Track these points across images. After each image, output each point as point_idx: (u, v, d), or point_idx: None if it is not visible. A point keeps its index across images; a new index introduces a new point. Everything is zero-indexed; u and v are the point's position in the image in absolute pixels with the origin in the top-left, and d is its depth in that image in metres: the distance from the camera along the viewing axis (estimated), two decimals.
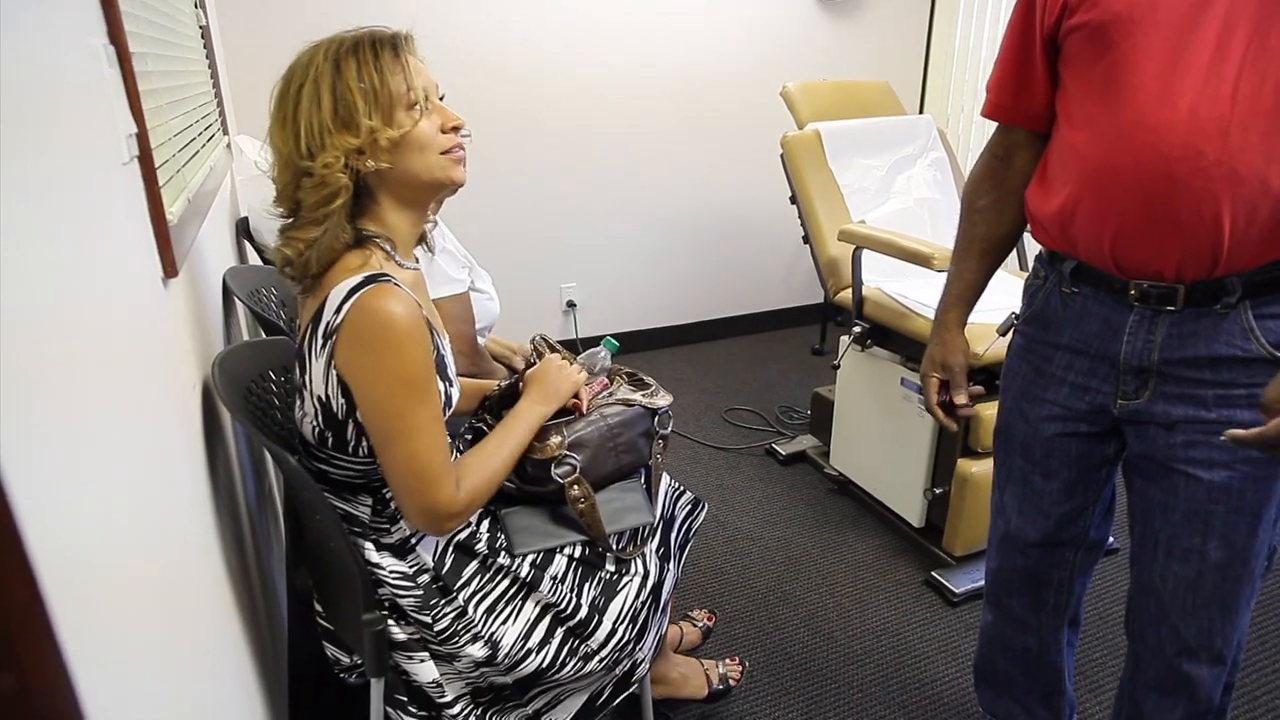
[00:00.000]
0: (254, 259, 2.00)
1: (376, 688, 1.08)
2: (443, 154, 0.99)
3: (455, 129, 1.00)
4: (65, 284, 0.59)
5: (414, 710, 1.08)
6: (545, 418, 1.18)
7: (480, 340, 1.72)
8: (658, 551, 1.28)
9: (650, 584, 1.22)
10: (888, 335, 1.98)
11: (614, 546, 1.21)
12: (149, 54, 1.02)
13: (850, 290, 2.02)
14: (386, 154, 0.95)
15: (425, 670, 1.07)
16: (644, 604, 1.20)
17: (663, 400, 1.31)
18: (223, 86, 1.99)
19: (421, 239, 1.13)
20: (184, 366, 0.97)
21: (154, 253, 0.85)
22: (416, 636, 1.06)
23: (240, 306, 1.53)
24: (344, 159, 0.92)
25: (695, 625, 1.73)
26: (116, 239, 0.73)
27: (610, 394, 1.32)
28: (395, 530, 1.05)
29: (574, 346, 3.27)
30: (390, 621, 1.05)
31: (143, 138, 0.81)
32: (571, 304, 3.36)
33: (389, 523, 1.05)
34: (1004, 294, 1.21)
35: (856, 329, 2.00)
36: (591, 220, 3.28)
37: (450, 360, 1.08)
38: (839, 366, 2.11)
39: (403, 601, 1.04)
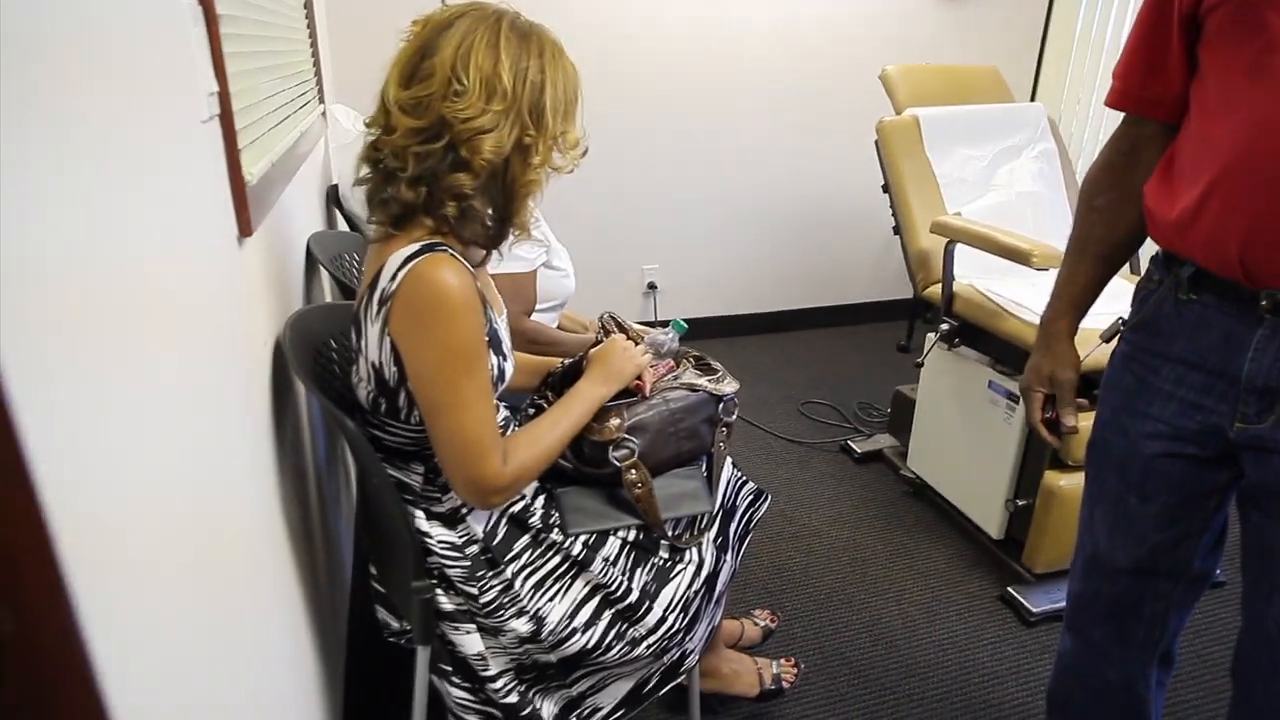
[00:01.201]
0: (342, 226, 2.06)
1: (422, 655, 1.09)
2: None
3: None
4: (138, 233, 0.60)
5: (458, 681, 1.09)
6: (605, 399, 1.16)
7: (554, 317, 1.72)
8: (715, 541, 1.25)
9: (705, 574, 1.19)
10: (977, 335, 1.87)
11: (669, 533, 1.18)
12: (241, 17, 1.05)
13: (940, 285, 1.91)
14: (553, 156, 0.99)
15: (471, 642, 1.07)
16: (697, 594, 1.17)
17: (729, 387, 1.27)
18: (322, 56, 2.04)
19: None
20: (257, 323, 0.99)
21: (230, 211, 0.86)
22: (464, 607, 1.06)
23: (323, 271, 1.57)
24: (529, 140, 0.96)
25: (756, 624, 1.69)
26: (192, 194, 0.74)
27: (676, 377, 1.28)
28: (446, 500, 1.05)
29: (652, 328, 3.25)
30: (439, 591, 1.05)
31: (224, 97, 0.83)
32: (653, 286, 3.33)
33: (440, 492, 1.05)
34: (1112, 299, 1.10)
35: (944, 326, 1.89)
36: (678, 203, 3.24)
37: (505, 335, 1.07)
38: (923, 364, 2.01)
39: (450, 571, 1.04)
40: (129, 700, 0.45)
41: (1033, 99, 3.34)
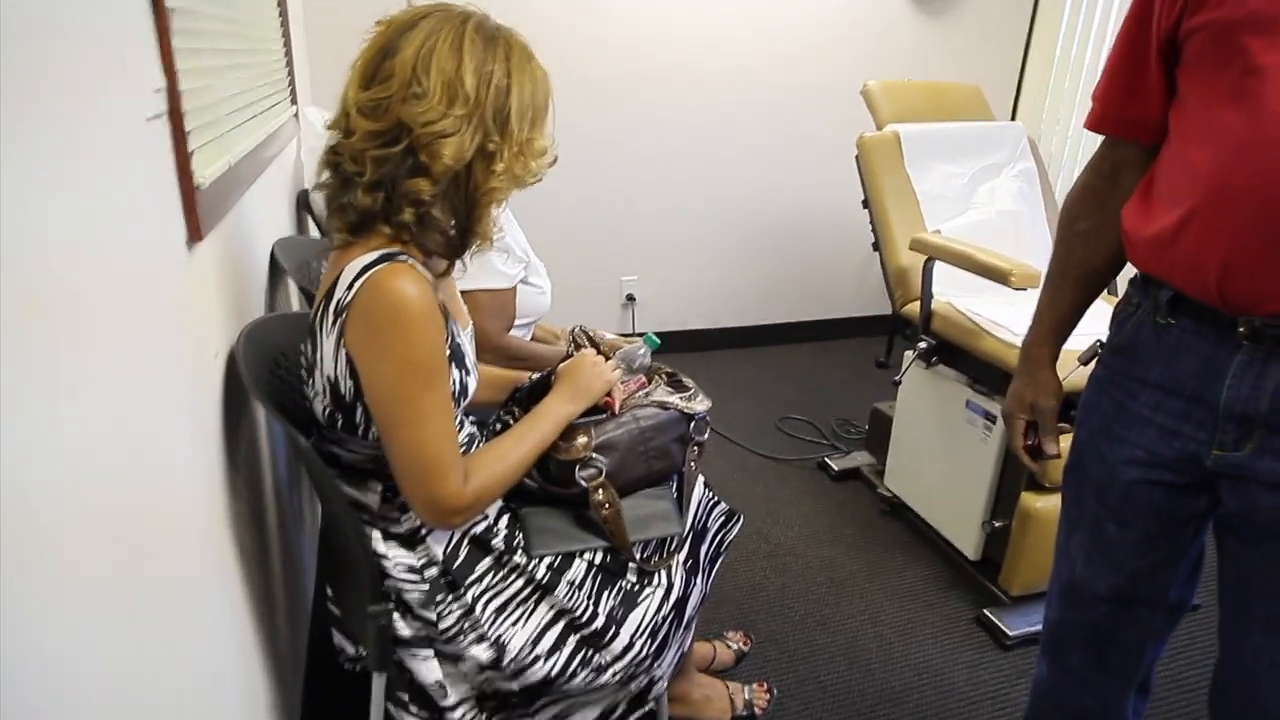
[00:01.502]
0: (314, 232, 2.01)
1: (378, 683, 1.04)
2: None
3: None
4: (66, 234, 0.57)
5: (415, 710, 1.04)
6: (573, 416, 1.13)
7: (526, 333, 1.68)
8: (685, 564, 1.21)
9: (674, 598, 1.15)
10: (955, 354, 1.86)
11: (638, 556, 1.15)
12: (200, 11, 1.01)
13: (919, 303, 1.90)
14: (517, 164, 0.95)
15: (429, 669, 1.02)
16: (665, 619, 1.14)
17: (701, 405, 1.24)
18: (296, 56, 2.00)
19: None
20: (209, 331, 0.95)
21: (179, 214, 0.82)
22: (422, 633, 1.02)
23: (290, 279, 1.52)
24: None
25: (729, 647, 1.65)
26: (132, 196, 0.70)
27: (647, 394, 1.25)
28: (405, 520, 1.01)
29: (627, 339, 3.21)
30: (396, 615, 1.01)
31: (173, 94, 0.79)
32: (631, 298, 3.30)
33: (399, 512, 1.01)
34: (1091, 319, 1.08)
35: (922, 344, 1.87)
36: (657, 214, 3.22)
37: (468, 348, 1.03)
38: (900, 382, 1.99)
39: (407, 596, 1.00)
40: (28, 700, 0.43)
41: (1013, 118, 3.36)
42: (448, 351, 0.96)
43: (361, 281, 0.88)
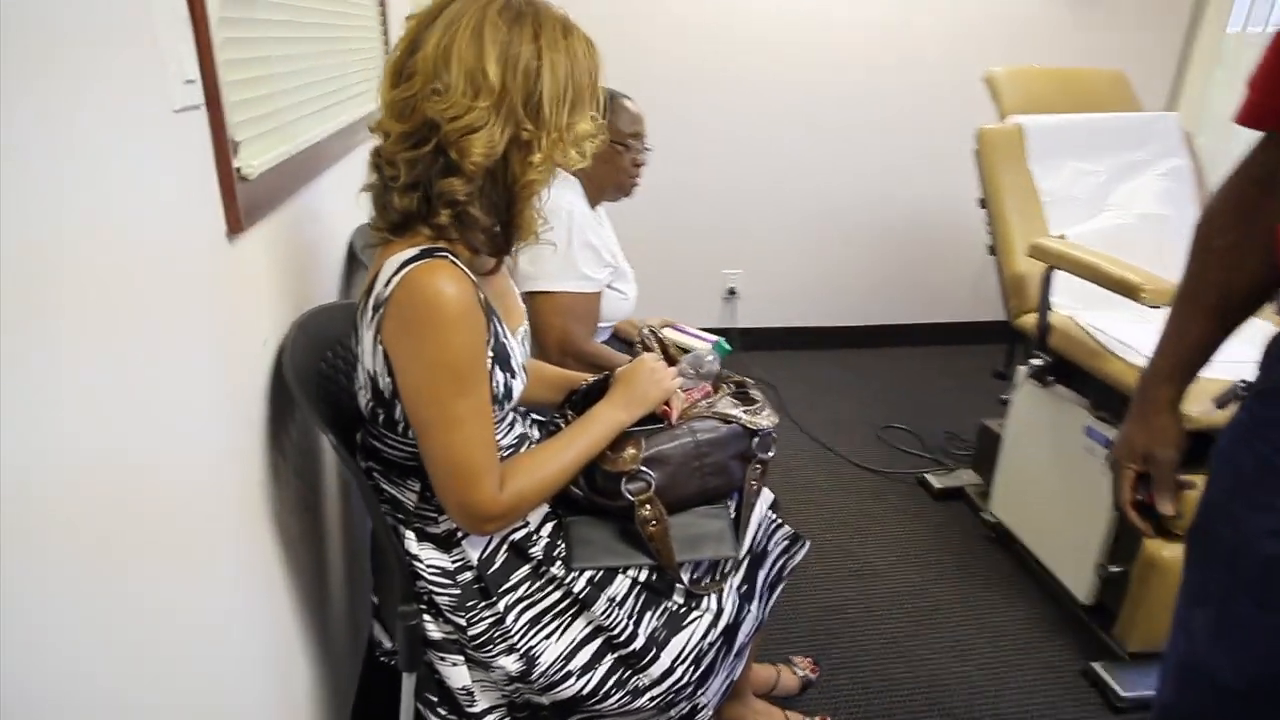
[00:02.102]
0: None
1: (408, 682, 1.02)
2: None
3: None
4: (91, 226, 0.59)
5: (443, 713, 1.02)
6: (624, 425, 1.07)
7: (602, 337, 1.64)
8: (739, 589, 1.13)
9: (723, 624, 1.08)
10: (1075, 374, 1.66)
11: (686, 578, 1.08)
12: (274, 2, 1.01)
13: (1035, 315, 1.71)
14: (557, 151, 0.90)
15: (457, 674, 1.00)
16: (712, 645, 1.06)
17: (766, 421, 1.14)
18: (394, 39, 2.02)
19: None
20: (257, 321, 0.95)
21: (217, 206, 0.82)
22: (452, 637, 0.99)
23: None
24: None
25: (795, 673, 1.55)
26: (156, 188, 0.70)
27: (711, 404, 1.17)
28: (443, 521, 0.98)
29: (729, 338, 3.12)
30: (427, 617, 0.99)
31: (211, 85, 0.78)
32: (733, 292, 3.20)
33: (436, 512, 0.98)
34: (1245, 342, 0.90)
35: (1036, 361, 1.69)
36: (764, 207, 3.10)
37: (515, 349, 0.99)
38: (1008, 401, 1.80)
39: (438, 599, 0.97)
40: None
41: (1170, 109, 3.00)
42: (490, 354, 0.92)
43: (399, 277, 0.85)
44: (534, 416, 1.26)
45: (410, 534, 0.98)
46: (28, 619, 0.50)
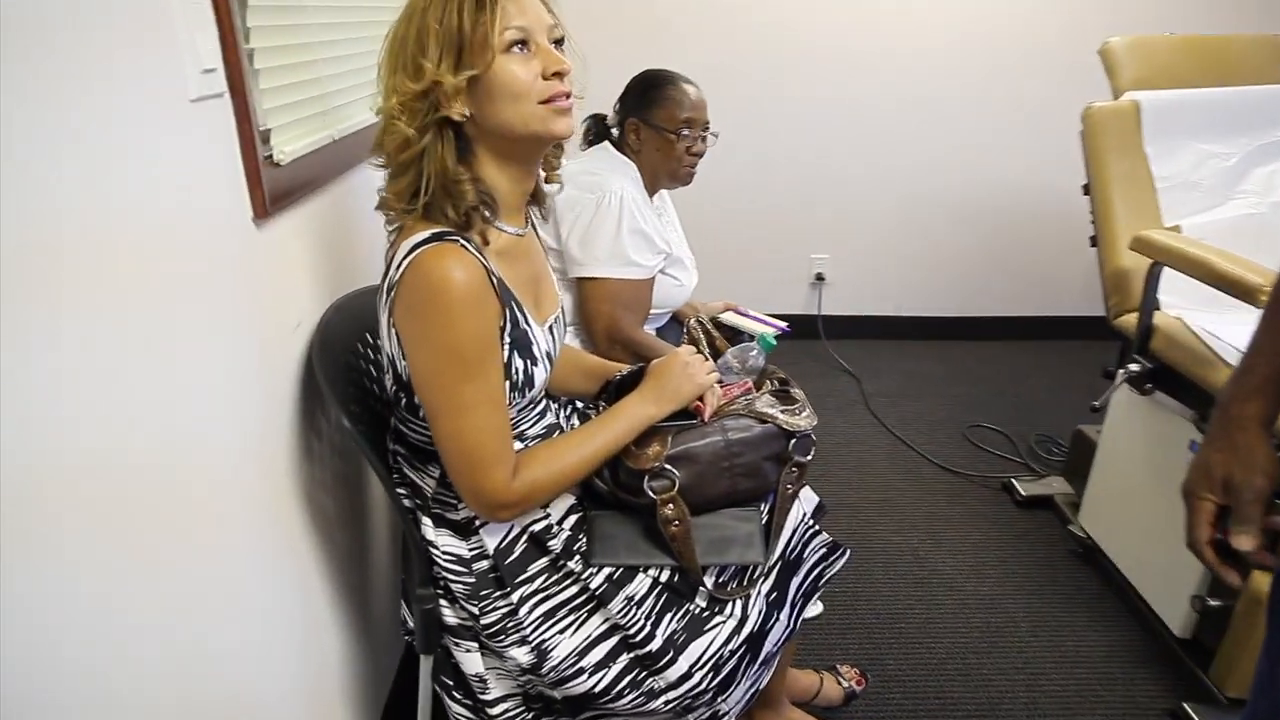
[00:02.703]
0: None
1: (425, 664, 1.04)
2: (542, 103, 0.87)
3: (558, 75, 0.87)
4: (106, 208, 0.62)
5: (458, 697, 1.03)
6: (653, 420, 1.03)
7: (655, 325, 1.60)
8: (769, 596, 1.09)
9: (747, 631, 1.03)
10: (1180, 382, 1.49)
11: (710, 582, 1.04)
12: None
13: (1137, 315, 1.54)
14: (464, 102, 0.85)
15: (471, 661, 1.01)
16: (734, 653, 1.02)
17: (804, 422, 1.08)
18: None
19: (535, 199, 1.02)
20: (289, 304, 0.98)
21: (243, 192, 0.84)
22: (467, 624, 1.00)
23: None
24: (407, 105, 0.84)
25: (839, 683, 1.48)
26: (173, 174, 0.72)
27: (750, 402, 1.12)
28: (462, 508, 0.98)
29: (814, 325, 3.02)
30: (443, 603, 1.00)
31: (235, 73, 0.79)
32: (820, 277, 3.09)
33: (455, 499, 0.98)
34: None
35: (1133, 367, 1.53)
36: (854, 190, 2.96)
37: (539, 337, 0.97)
38: (1100, 408, 1.64)
39: (453, 586, 0.98)
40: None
41: None
42: (507, 340, 0.91)
43: (409, 260, 0.85)
44: (577, 405, 1.25)
45: (428, 520, 0.99)
46: (60, 593, 0.54)
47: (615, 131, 1.56)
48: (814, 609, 1.70)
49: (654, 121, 1.49)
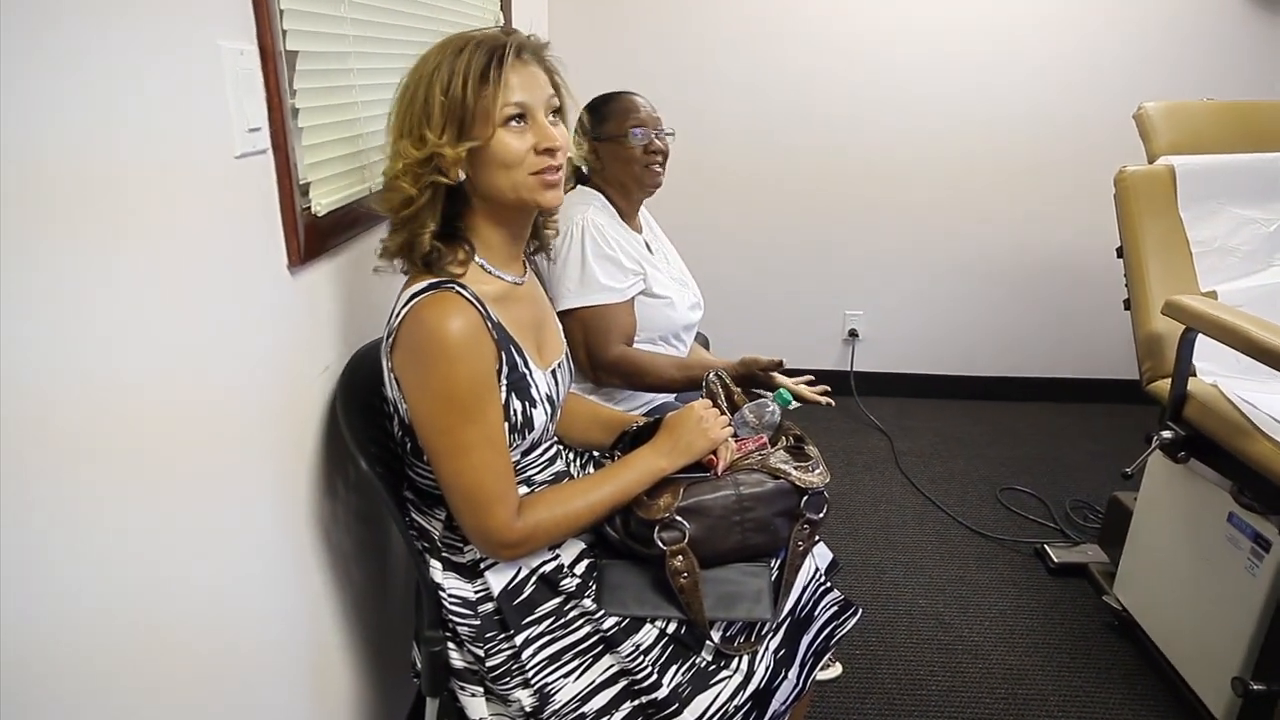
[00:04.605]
0: None
1: (431, 706, 1.05)
2: (532, 175, 0.92)
3: (548, 151, 0.92)
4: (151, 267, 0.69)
5: None
6: (664, 472, 1.05)
7: (652, 348, 1.56)
8: (777, 654, 1.07)
9: (753, 688, 1.02)
10: (1217, 452, 1.45)
11: (717, 636, 1.03)
12: (367, 36, 1.10)
13: (1170, 382, 1.51)
14: (461, 169, 0.91)
15: (475, 706, 1.01)
16: (739, 709, 1.01)
17: (817, 479, 1.08)
18: None
19: (539, 243, 1.09)
20: (317, 349, 1.02)
21: (279, 241, 0.89)
22: (472, 667, 1.01)
23: None
24: (409, 169, 0.90)
25: None
26: (213, 226, 0.77)
27: (764, 457, 1.12)
28: (468, 550, 1.00)
29: (846, 381, 3.00)
30: (450, 646, 1.01)
31: (278, 131, 0.85)
32: (854, 333, 3.08)
33: (462, 541, 1.00)
34: None
35: (1166, 434, 1.49)
36: (890, 246, 2.96)
37: (539, 380, 0.99)
38: (1131, 475, 1.60)
39: (459, 629, 0.99)
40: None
41: None
42: (504, 382, 0.94)
43: (407, 309, 0.89)
44: (593, 455, 1.26)
45: (436, 563, 1.01)
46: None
47: (584, 169, 1.56)
48: (833, 671, 1.68)
49: (605, 135, 1.49)
